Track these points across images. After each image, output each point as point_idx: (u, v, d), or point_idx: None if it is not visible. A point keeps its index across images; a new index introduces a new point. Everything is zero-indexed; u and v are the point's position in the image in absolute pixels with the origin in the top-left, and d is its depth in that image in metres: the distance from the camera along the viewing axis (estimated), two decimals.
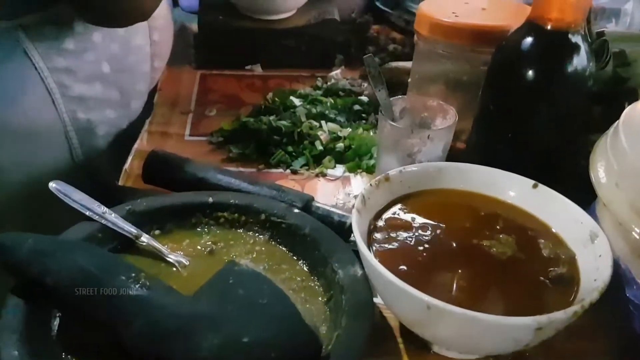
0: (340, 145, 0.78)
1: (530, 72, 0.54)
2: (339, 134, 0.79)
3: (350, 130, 0.80)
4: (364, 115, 0.85)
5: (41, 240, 0.47)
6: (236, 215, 0.58)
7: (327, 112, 0.83)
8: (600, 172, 0.50)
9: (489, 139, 0.60)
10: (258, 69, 0.99)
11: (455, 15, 0.61)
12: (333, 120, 0.82)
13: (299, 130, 0.77)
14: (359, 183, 0.74)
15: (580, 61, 0.54)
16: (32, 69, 0.65)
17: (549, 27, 0.52)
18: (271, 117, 0.79)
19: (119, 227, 0.54)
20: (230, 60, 0.98)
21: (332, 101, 0.86)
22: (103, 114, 0.75)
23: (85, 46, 0.70)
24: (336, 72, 0.99)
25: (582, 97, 0.57)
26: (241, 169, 0.74)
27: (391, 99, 0.66)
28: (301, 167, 0.75)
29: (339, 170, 0.76)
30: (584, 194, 0.54)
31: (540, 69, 0.53)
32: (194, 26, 1.05)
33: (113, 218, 0.55)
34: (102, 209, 0.55)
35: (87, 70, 0.71)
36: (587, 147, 0.61)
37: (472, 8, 0.64)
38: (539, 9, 0.53)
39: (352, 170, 0.76)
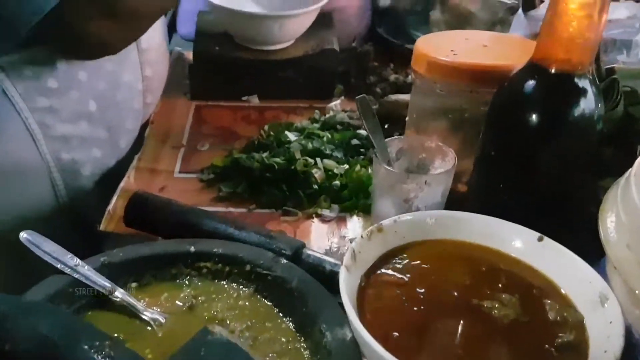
0: (336, 183, 0.74)
1: (533, 117, 0.50)
2: (335, 171, 0.76)
3: (347, 166, 0.77)
4: (362, 150, 0.82)
5: (2, 301, 0.43)
6: (220, 265, 0.55)
7: (323, 147, 0.79)
8: (610, 229, 0.45)
9: (491, 185, 0.56)
10: (255, 100, 0.96)
11: (454, 54, 0.58)
12: (329, 157, 0.78)
13: (292, 167, 0.74)
14: (355, 225, 0.70)
15: (587, 104, 0.50)
16: (12, 109, 0.63)
17: (553, 71, 0.48)
18: (264, 154, 0.76)
19: (92, 282, 0.51)
20: (226, 91, 0.95)
21: (329, 135, 0.83)
22: (89, 153, 0.73)
23: (70, 84, 0.67)
24: (335, 103, 0.96)
25: (590, 142, 0.53)
26: (231, 209, 0.71)
27: (387, 139, 0.62)
28: (294, 207, 0.71)
29: (335, 210, 0.72)
30: (594, 245, 0.50)
31: (544, 114, 0.50)
32: (192, 55, 1.03)
33: (86, 271, 0.51)
34: (75, 260, 0.52)
35: (71, 109, 0.68)
36: (597, 194, 0.57)
37: (473, 45, 0.61)
38: (543, 50, 0.49)
39: (348, 210, 0.72)
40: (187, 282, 0.55)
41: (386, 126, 0.84)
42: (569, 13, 0.46)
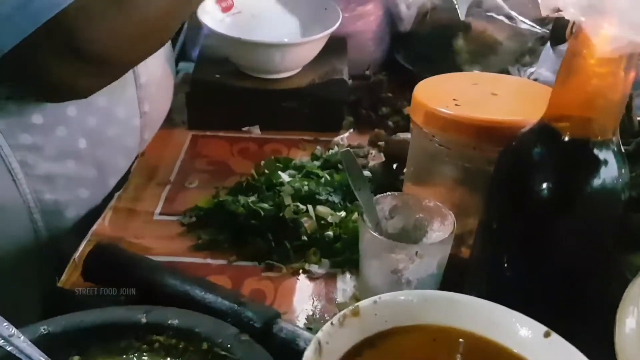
0: (328, 234, 0.66)
1: (542, 188, 0.41)
2: (329, 219, 0.68)
3: (343, 214, 0.69)
4: None
5: None
6: (174, 340, 0.48)
7: (319, 190, 0.72)
8: (627, 336, 0.37)
9: (494, 260, 0.48)
10: (256, 131, 0.90)
11: (456, 104, 0.50)
12: (324, 202, 0.70)
13: (281, 215, 0.67)
14: (346, 284, 0.62)
15: (609, 174, 0.41)
16: None
17: (567, 137, 0.40)
18: (252, 198, 0.69)
19: (26, 355, 0.45)
20: (225, 121, 0.89)
21: (328, 177, 0.75)
22: (74, 194, 0.68)
23: (57, 120, 0.63)
24: (342, 137, 0.88)
25: (613, 216, 0.44)
26: (209, 261, 0.64)
27: (379, 196, 0.55)
28: (279, 260, 0.64)
29: (324, 265, 0.64)
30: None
31: (556, 186, 0.41)
32: None
33: (21, 343, 0.45)
34: (10, 330, 0.46)
35: (57, 147, 0.64)
36: (623, 272, 0.48)
37: (481, 92, 0.52)
38: (556, 109, 0.40)
39: (339, 266, 0.64)
40: (136, 357, 0.48)
41: (394, 166, 0.76)
42: (587, 69, 0.37)
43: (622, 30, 0.32)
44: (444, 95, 0.51)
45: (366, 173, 0.77)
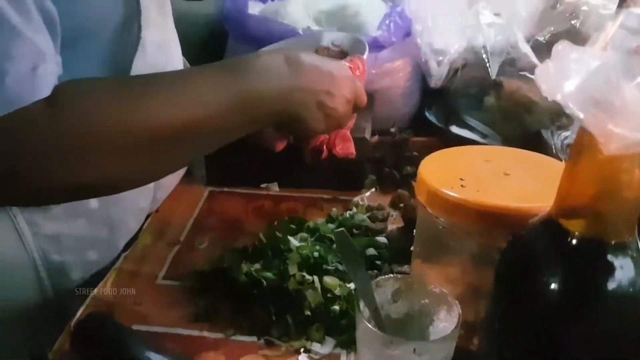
0: (334, 308, 0.62)
1: (549, 290, 0.36)
2: (337, 292, 0.64)
3: (352, 286, 0.65)
4: (378, 262, 0.70)
5: None
6: None
7: (329, 257, 0.68)
8: None
9: None
10: (275, 188, 0.88)
11: (462, 185, 0.45)
12: (333, 272, 0.66)
13: (285, 285, 0.63)
14: None
15: (625, 279, 0.35)
16: None
17: (575, 239, 0.35)
18: (255, 265, 0.66)
19: None
20: (244, 177, 0.87)
21: None
22: (82, 255, 0.67)
23: None
24: (362, 197, 0.85)
25: (630, 319, 0.38)
26: (205, 334, 0.61)
27: (381, 278, 0.50)
28: (280, 336, 0.60)
29: (328, 345, 0.60)
30: None
31: (564, 289, 0.36)
32: None
33: None
34: None
35: (67, 206, 0.63)
36: None
37: (492, 170, 0.48)
38: (564, 203, 0.36)
39: (344, 346, 0.60)
40: None
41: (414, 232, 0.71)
42: (597, 164, 0.32)
43: (629, 129, 0.27)
44: (450, 173, 0.47)
45: (382, 239, 0.73)
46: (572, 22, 0.84)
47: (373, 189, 0.87)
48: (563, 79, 0.30)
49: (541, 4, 0.93)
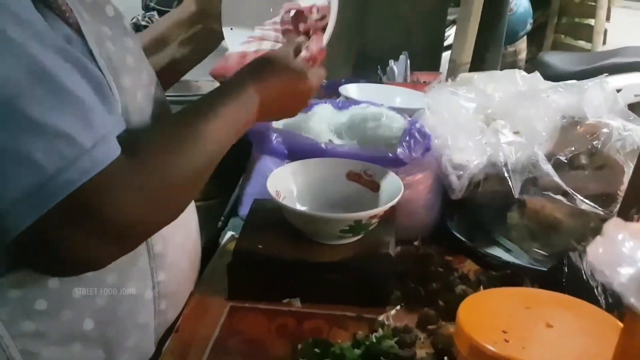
0: None
1: None
2: None
3: None
4: None
5: None
6: None
7: None
8: None
9: None
10: (297, 304, 0.86)
11: (506, 339, 0.44)
12: None
13: None
14: None
15: None
16: None
17: None
18: None
19: None
20: (266, 292, 0.86)
21: None
22: None
23: (62, 304, 0.60)
24: (388, 315, 0.83)
25: None
26: None
27: None
28: None
29: None
30: None
31: None
32: None
33: None
34: None
35: (62, 331, 0.61)
36: None
37: (533, 320, 0.47)
38: None
39: None
40: None
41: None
42: None
43: None
44: (491, 322, 0.46)
45: None
46: (594, 142, 0.85)
47: (398, 307, 0.85)
48: (616, 264, 0.30)
49: (559, 123, 0.95)
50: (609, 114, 0.91)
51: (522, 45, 3.16)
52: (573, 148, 0.88)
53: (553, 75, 1.31)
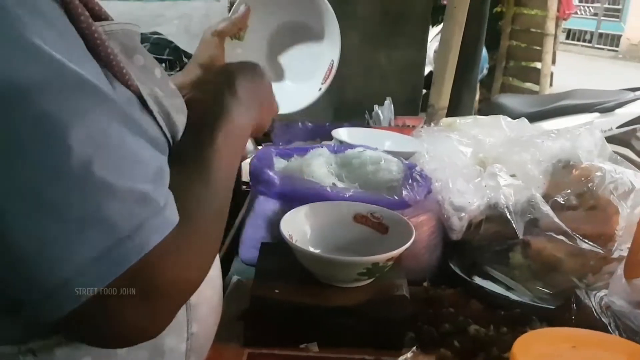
0: None
1: None
2: None
3: None
4: None
5: None
6: None
7: None
8: None
9: None
10: (314, 348, 0.86)
11: None
12: None
13: None
14: None
15: None
16: None
17: None
18: None
19: None
20: (283, 338, 0.86)
21: None
22: None
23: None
24: (405, 358, 0.84)
25: None
26: None
27: None
28: None
29: None
30: None
31: None
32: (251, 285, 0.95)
33: None
34: None
35: None
36: None
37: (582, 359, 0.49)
38: None
39: None
40: None
41: None
42: None
43: None
44: None
45: None
46: (589, 185, 0.91)
47: (414, 348, 0.87)
48: None
49: (551, 167, 1.01)
50: (599, 158, 0.97)
51: None
52: (569, 190, 0.93)
53: (509, 117, 1.35)
